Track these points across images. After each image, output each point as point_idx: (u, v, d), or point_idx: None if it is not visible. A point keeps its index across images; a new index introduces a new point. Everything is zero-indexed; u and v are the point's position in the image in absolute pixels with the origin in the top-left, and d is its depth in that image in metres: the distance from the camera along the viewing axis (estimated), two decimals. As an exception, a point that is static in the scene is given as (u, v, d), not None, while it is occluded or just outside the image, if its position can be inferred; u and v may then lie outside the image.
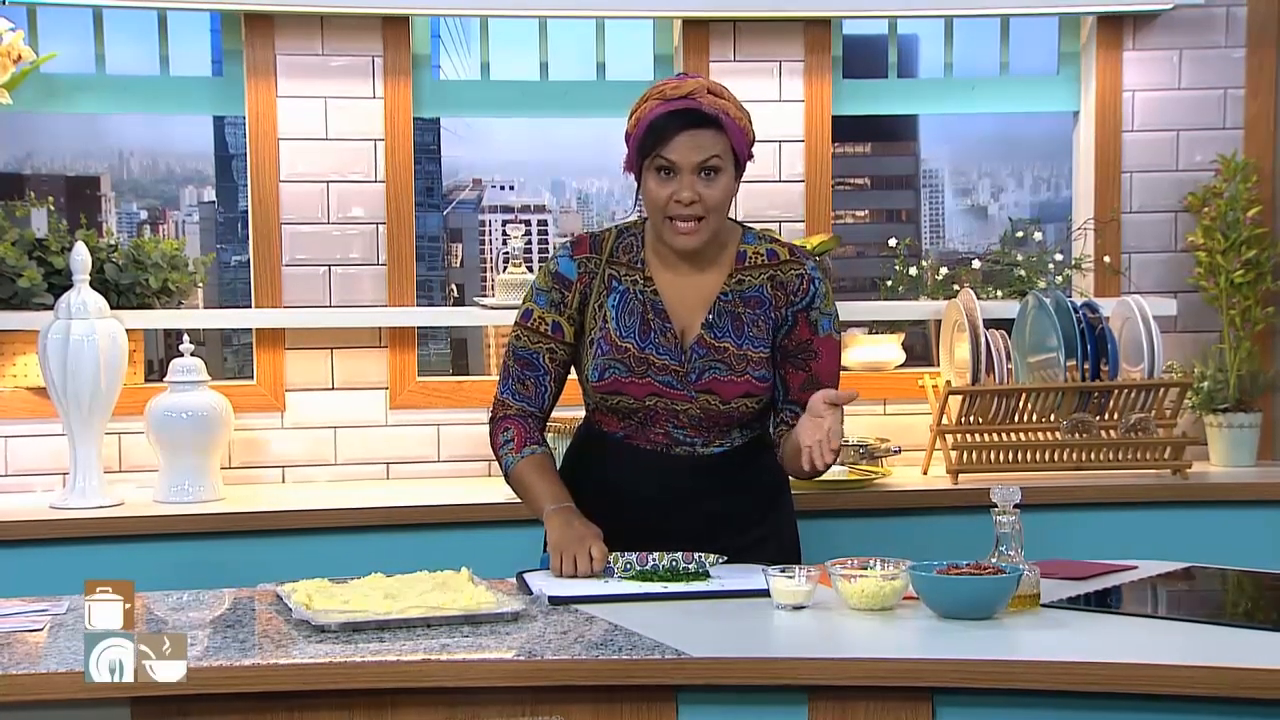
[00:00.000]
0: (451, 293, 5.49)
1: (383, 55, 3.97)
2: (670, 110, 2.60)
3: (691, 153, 2.58)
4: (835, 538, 3.27)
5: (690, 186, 2.59)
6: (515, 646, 2.15)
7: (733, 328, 2.68)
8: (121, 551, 3.37)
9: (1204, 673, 2.02)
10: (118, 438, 3.80)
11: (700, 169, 2.59)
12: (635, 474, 2.71)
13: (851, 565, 2.37)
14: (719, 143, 2.60)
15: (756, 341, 2.67)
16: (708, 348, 2.67)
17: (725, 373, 2.66)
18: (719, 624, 2.29)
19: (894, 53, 4.25)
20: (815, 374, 2.70)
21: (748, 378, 2.66)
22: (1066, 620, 2.29)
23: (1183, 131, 4.20)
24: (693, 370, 2.66)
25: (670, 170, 2.60)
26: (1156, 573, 2.65)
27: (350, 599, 2.30)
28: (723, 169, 2.61)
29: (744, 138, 2.64)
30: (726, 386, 2.66)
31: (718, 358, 2.66)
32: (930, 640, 2.20)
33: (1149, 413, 3.83)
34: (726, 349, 2.67)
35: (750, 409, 2.68)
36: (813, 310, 2.70)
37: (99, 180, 5.30)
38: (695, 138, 2.59)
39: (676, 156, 2.58)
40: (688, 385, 2.66)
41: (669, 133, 2.59)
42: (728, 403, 2.66)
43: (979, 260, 4.26)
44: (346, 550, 3.46)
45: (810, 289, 2.70)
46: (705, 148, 2.59)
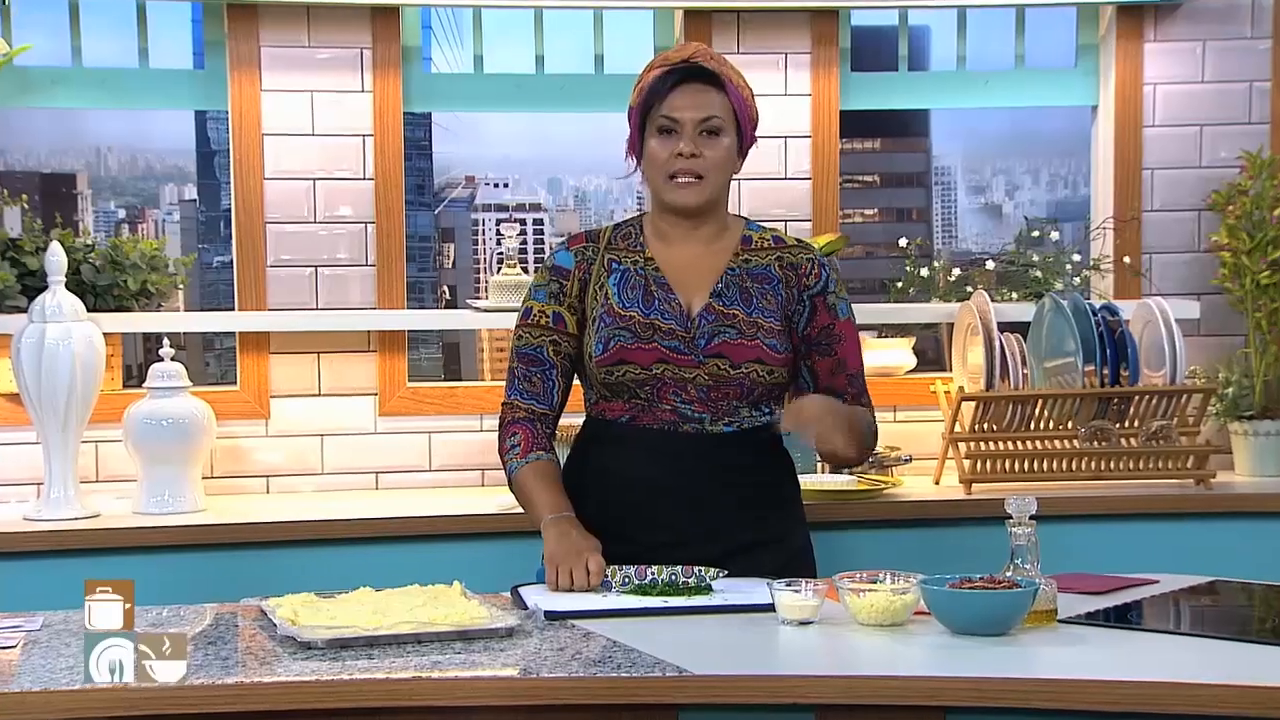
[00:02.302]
0: (443, 295, 5.50)
1: (371, 47, 3.97)
2: (670, 69, 2.71)
3: (692, 109, 2.68)
4: (843, 550, 3.27)
5: (692, 140, 2.67)
6: (510, 664, 2.15)
7: (741, 298, 2.73)
8: (98, 565, 3.37)
9: (1229, 692, 2.02)
10: (94, 446, 3.81)
11: (701, 127, 2.68)
12: (640, 457, 2.72)
13: (860, 579, 2.37)
14: (720, 103, 2.70)
15: (767, 312, 2.72)
16: (716, 314, 2.71)
17: (735, 336, 2.70)
18: (722, 640, 2.29)
19: (904, 44, 4.25)
20: (842, 358, 2.77)
21: (759, 343, 2.69)
22: (1084, 637, 2.29)
23: (1206, 126, 4.20)
24: (700, 335, 2.69)
25: (671, 129, 2.68)
26: (1179, 587, 2.65)
27: (337, 614, 2.30)
28: (724, 130, 2.70)
29: (746, 107, 2.74)
30: (736, 349, 2.69)
31: (727, 323, 2.71)
32: (942, 657, 2.20)
33: (1171, 420, 3.83)
34: (736, 315, 2.71)
35: (761, 379, 2.70)
36: (828, 295, 2.76)
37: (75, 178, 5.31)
38: (697, 95, 2.69)
39: (678, 113, 2.68)
40: (695, 350, 2.69)
41: (670, 89, 2.69)
42: (738, 367, 2.69)
43: (993, 261, 4.26)
44: (334, 563, 3.46)
45: (822, 274, 2.77)
46: (706, 105, 2.68)
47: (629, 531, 2.68)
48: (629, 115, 2.77)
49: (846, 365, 2.77)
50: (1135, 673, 2.09)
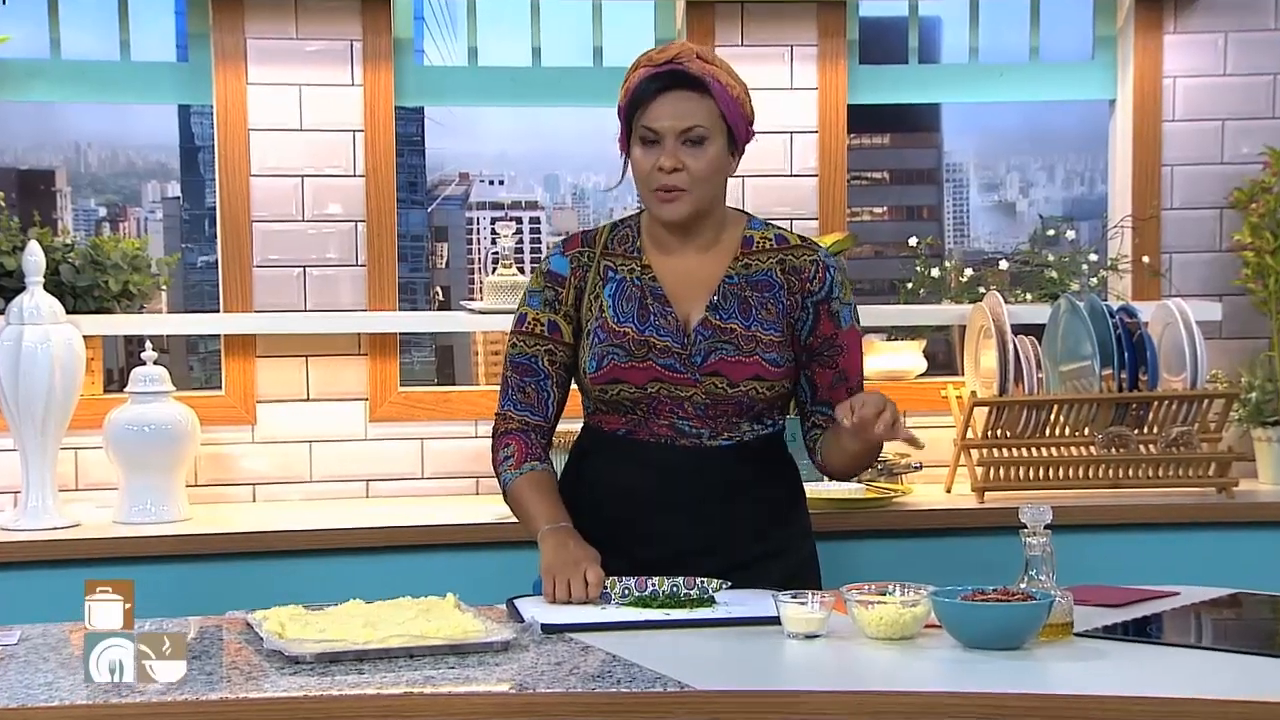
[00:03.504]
0: (436, 296, 5.50)
1: (362, 39, 3.97)
2: (653, 74, 2.65)
3: (674, 119, 2.63)
4: (851, 561, 3.27)
5: (673, 154, 2.63)
6: (505, 679, 2.15)
7: (739, 310, 2.70)
8: (78, 576, 3.30)
9: (1253, 708, 2.02)
10: (74, 453, 3.81)
11: (684, 137, 2.63)
12: (638, 470, 2.72)
13: (869, 591, 2.37)
14: (704, 110, 2.64)
15: (766, 324, 2.69)
16: (713, 329, 2.69)
17: (733, 353, 2.68)
18: (725, 654, 2.29)
19: (915, 36, 4.26)
20: (843, 370, 2.75)
21: (757, 359, 2.68)
22: (1102, 651, 2.29)
23: (1228, 121, 4.21)
24: (697, 352, 2.68)
25: (653, 140, 2.65)
26: (1200, 599, 2.65)
27: (326, 627, 2.30)
28: (709, 139, 2.65)
29: (737, 108, 2.67)
30: (734, 368, 2.67)
31: (724, 338, 2.68)
32: (954, 673, 2.20)
33: (1192, 426, 3.83)
34: (734, 329, 2.69)
35: (760, 395, 2.69)
36: (832, 301, 2.73)
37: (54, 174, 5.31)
38: (678, 103, 2.63)
39: (658, 124, 2.63)
40: (692, 369, 2.67)
41: (652, 98, 2.64)
42: (736, 385, 2.67)
43: (1007, 261, 4.26)
44: (322, 575, 3.46)
45: (826, 277, 2.73)
46: (688, 115, 2.63)
47: (626, 545, 2.68)
48: (619, 114, 2.73)
49: (848, 378, 2.75)
50: (1155, 688, 2.09)
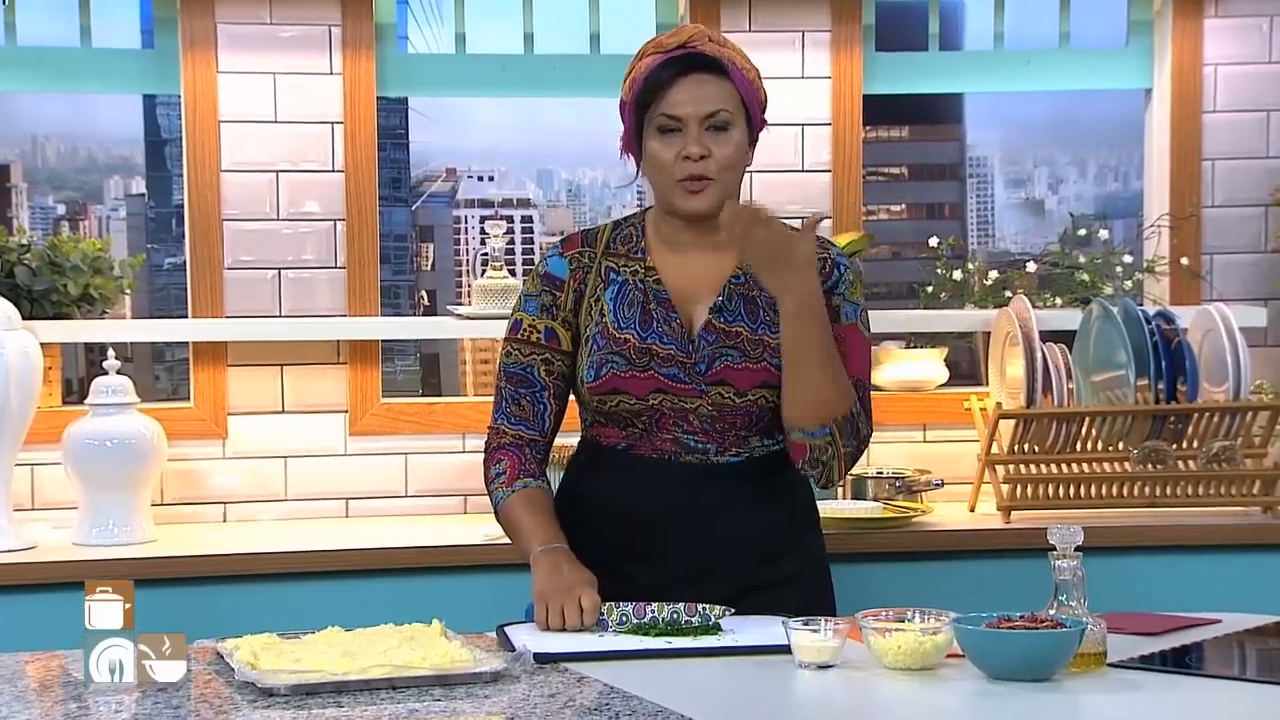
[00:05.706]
0: (421, 300, 5.51)
1: (341, 24, 3.98)
2: (667, 59, 2.67)
3: (696, 104, 2.65)
4: (867, 585, 3.27)
5: (698, 140, 2.65)
6: (495, 711, 2.16)
7: (746, 312, 2.71)
8: (35, 602, 3.37)
9: (1298, 743, 2.03)
10: (30, 469, 3.81)
11: (708, 123, 2.65)
12: (639, 488, 2.72)
13: (886, 617, 2.37)
14: (726, 93, 2.66)
15: (774, 327, 2.69)
16: (717, 333, 2.69)
17: (739, 359, 2.68)
18: (731, 685, 2.29)
19: (935, 21, 4.27)
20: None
21: (765, 364, 2.68)
22: (1137, 683, 2.29)
23: (1273, 112, 4.22)
24: (701, 360, 2.69)
25: (675, 128, 2.65)
26: (1243, 628, 2.65)
27: (303, 657, 2.30)
28: (733, 124, 2.67)
29: (754, 92, 2.70)
30: (741, 375, 2.68)
31: (729, 343, 2.69)
32: (978, 706, 2.20)
33: (1234, 440, 3.83)
34: (739, 333, 2.70)
35: (770, 404, 2.69)
36: (835, 295, 2.73)
37: (9, 169, 5.32)
38: (699, 87, 2.65)
39: (680, 110, 2.65)
40: (696, 378, 2.68)
41: (669, 83, 2.65)
42: (743, 394, 2.68)
43: (1034, 263, 4.26)
44: (298, 600, 3.46)
45: (835, 273, 2.74)
46: (711, 98, 2.65)
47: (625, 568, 2.68)
48: (621, 110, 2.74)
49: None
50: (1194, 723, 2.09)
